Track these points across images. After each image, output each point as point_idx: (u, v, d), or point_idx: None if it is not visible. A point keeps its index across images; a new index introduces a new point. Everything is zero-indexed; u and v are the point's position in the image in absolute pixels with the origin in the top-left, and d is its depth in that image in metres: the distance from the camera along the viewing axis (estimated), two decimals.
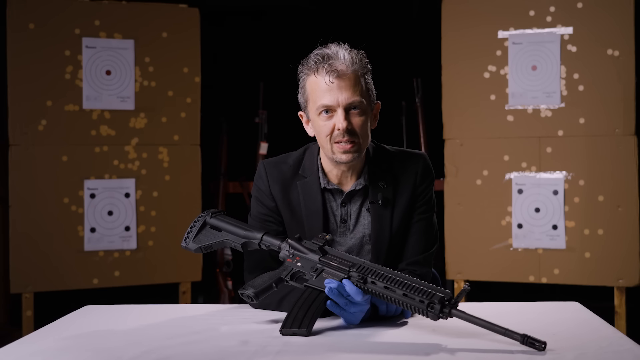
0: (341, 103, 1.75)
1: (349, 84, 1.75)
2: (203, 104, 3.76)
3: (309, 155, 1.91)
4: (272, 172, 1.89)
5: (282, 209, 1.87)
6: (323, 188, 1.86)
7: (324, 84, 1.75)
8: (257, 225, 1.86)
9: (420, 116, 3.96)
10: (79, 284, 3.53)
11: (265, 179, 1.89)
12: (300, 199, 1.86)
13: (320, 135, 1.80)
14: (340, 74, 1.75)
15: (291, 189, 1.87)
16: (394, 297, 1.51)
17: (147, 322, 1.70)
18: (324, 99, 1.76)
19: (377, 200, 1.84)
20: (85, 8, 3.55)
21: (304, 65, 1.82)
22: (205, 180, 3.92)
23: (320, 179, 1.86)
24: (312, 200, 1.85)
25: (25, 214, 3.44)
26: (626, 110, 3.41)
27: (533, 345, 1.37)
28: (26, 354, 1.43)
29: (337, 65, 1.75)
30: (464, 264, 3.61)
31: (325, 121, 1.78)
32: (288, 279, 1.66)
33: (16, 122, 3.44)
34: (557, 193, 3.50)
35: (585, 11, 3.47)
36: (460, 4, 3.65)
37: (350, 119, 1.76)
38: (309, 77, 1.80)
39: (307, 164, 1.89)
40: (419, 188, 1.87)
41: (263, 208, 1.89)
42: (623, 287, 3.43)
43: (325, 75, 1.75)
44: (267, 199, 1.88)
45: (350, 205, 1.87)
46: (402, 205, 1.85)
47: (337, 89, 1.75)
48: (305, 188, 1.86)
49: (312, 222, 1.84)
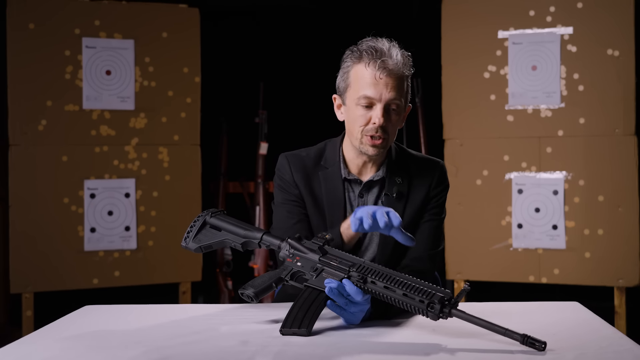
0: (383, 99, 1.80)
1: (394, 84, 1.80)
2: (203, 104, 3.77)
3: (330, 147, 1.96)
4: (295, 162, 1.93)
5: (305, 197, 1.91)
6: (343, 178, 1.90)
7: (373, 77, 1.79)
8: (283, 211, 1.91)
9: (420, 116, 3.96)
10: (79, 284, 3.53)
11: (288, 169, 1.93)
12: (322, 189, 1.90)
13: (354, 124, 1.84)
14: (389, 72, 1.79)
15: (313, 178, 1.92)
16: (394, 297, 1.51)
17: (147, 322, 1.69)
18: (368, 90, 1.80)
19: (392, 192, 1.88)
20: (85, 8, 3.55)
21: (353, 52, 1.84)
22: (205, 180, 3.92)
23: (342, 169, 1.91)
24: (334, 190, 1.90)
25: (25, 214, 3.44)
26: (626, 110, 3.41)
27: (533, 345, 1.37)
28: (26, 354, 1.43)
29: (389, 63, 1.79)
30: (464, 264, 3.61)
31: (363, 112, 1.82)
32: (288, 279, 1.66)
33: (16, 122, 3.44)
34: (557, 193, 3.50)
35: (585, 11, 3.47)
36: (460, 4, 3.65)
37: (387, 116, 1.81)
38: (356, 65, 1.83)
39: (329, 155, 1.94)
40: (433, 191, 1.92)
41: (288, 194, 1.93)
42: (623, 287, 3.43)
43: (376, 69, 1.79)
44: (291, 187, 1.92)
45: (367, 196, 1.91)
46: (415, 203, 1.89)
47: (383, 85, 1.79)
48: (327, 178, 1.91)
49: (334, 212, 1.89)
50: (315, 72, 3.50)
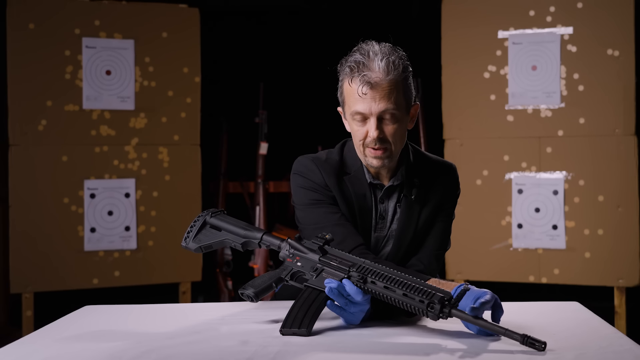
0: (374, 112, 1.75)
1: (382, 94, 1.74)
2: (203, 104, 3.77)
3: (348, 151, 1.90)
4: (324, 166, 1.87)
5: (339, 201, 1.85)
6: (369, 183, 1.88)
7: (358, 93, 1.74)
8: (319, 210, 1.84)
9: (420, 116, 3.96)
10: (79, 284, 3.53)
11: (319, 173, 1.86)
12: (351, 193, 1.86)
13: (355, 138, 1.83)
14: (373, 85, 1.73)
15: (342, 183, 1.87)
16: (394, 297, 1.51)
17: (147, 322, 1.69)
18: (357, 106, 1.76)
19: (411, 195, 1.87)
20: (85, 8, 3.55)
21: (342, 65, 1.81)
22: (205, 180, 3.92)
23: (365, 173, 1.88)
24: (363, 195, 1.86)
25: (25, 214, 3.44)
26: (626, 110, 3.42)
27: (533, 345, 1.37)
28: (26, 354, 1.43)
29: (372, 76, 1.73)
30: (464, 264, 3.61)
31: (359, 127, 1.79)
32: (288, 279, 1.66)
33: (16, 122, 3.44)
34: (557, 193, 3.50)
35: (585, 11, 3.47)
36: (460, 4, 3.65)
37: (383, 127, 1.77)
38: (345, 80, 1.79)
39: (349, 160, 1.89)
40: (447, 195, 1.93)
41: (321, 195, 1.85)
42: (623, 287, 3.43)
43: (359, 85, 1.74)
44: (324, 190, 1.86)
45: (387, 202, 1.90)
46: (431, 206, 1.89)
47: (370, 98, 1.74)
48: (354, 183, 1.87)
49: (364, 217, 1.87)
50: (315, 73, 3.50)
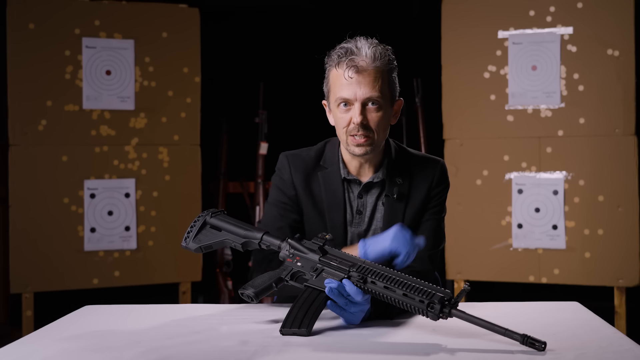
0: (358, 98, 1.80)
1: (368, 80, 1.80)
2: (203, 104, 3.77)
3: (330, 147, 1.97)
4: (295, 162, 1.94)
5: (303, 198, 1.92)
6: (343, 178, 1.91)
7: (344, 77, 1.80)
8: (274, 211, 1.92)
9: (420, 116, 3.96)
10: (79, 284, 3.53)
11: (288, 169, 1.94)
12: (321, 189, 1.91)
13: (338, 126, 1.86)
14: (360, 69, 1.79)
15: (313, 179, 1.93)
16: (394, 297, 1.51)
17: (147, 322, 1.69)
18: (343, 91, 1.81)
19: (393, 194, 1.88)
20: (85, 8, 3.55)
21: (329, 56, 1.86)
22: (205, 180, 3.92)
23: (341, 169, 1.91)
24: (333, 191, 1.91)
25: (25, 214, 3.44)
26: (626, 110, 3.42)
27: (533, 345, 1.37)
28: (26, 354, 1.43)
29: (358, 61, 1.79)
30: (464, 264, 3.61)
31: (343, 113, 1.83)
32: (288, 279, 1.66)
33: (16, 122, 3.44)
34: (557, 193, 3.50)
35: (585, 11, 3.47)
36: (460, 4, 3.65)
37: (367, 113, 1.81)
38: (331, 69, 1.85)
39: (329, 156, 1.94)
40: (434, 190, 1.92)
41: (283, 196, 1.94)
42: (623, 287, 3.43)
43: (345, 69, 1.79)
44: (288, 188, 1.93)
45: (367, 197, 1.91)
46: (416, 203, 1.90)
47: (355, 83, 1.79)
48: (326, 178, 1.92)
49: (333, 213, 1.90)
50: (315, 73, 3.50)
